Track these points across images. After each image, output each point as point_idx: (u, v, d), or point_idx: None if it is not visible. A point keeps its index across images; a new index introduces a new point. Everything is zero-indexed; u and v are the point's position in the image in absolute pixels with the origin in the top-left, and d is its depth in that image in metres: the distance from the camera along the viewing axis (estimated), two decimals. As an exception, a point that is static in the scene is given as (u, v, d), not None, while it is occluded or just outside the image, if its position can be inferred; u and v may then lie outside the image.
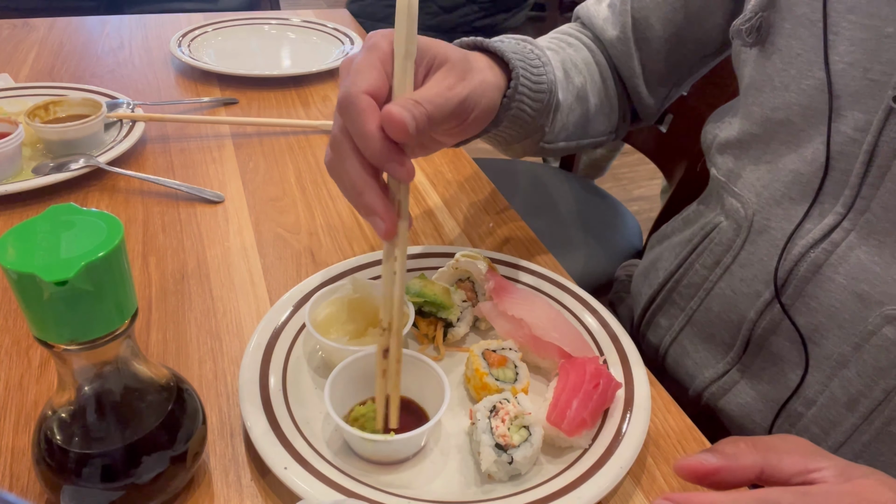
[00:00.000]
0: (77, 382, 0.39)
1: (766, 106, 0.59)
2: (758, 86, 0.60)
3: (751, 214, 0.61)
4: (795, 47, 0.56)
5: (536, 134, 0.66)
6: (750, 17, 0.59)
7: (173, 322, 0.60)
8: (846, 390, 0.55)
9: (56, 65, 1.09)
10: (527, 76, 0.59)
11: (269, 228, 0.74)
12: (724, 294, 0.64)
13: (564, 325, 0.57)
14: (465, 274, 0.62)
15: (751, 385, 0.62)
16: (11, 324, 0.59)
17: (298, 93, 1.06)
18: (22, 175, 0.78)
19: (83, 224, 0.36)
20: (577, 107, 0.71)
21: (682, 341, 0.69)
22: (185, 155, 0.87)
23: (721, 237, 0.64)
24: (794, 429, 0.59)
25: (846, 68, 0.52)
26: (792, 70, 0.56)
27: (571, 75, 0.70)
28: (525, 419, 0.48)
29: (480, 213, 0.79)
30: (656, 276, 0.72)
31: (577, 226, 1.21)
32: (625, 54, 0.73)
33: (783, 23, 0.57)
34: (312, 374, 0.55)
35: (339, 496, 0.44)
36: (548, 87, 0.62)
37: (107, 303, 0.35)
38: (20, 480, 0.46)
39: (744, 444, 0.38)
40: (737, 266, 0.62)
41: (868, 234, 0.53)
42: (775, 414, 0.60)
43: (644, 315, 0.74)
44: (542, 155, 0.73)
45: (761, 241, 0.60)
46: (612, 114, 0.76)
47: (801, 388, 0.58)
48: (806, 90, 0.55)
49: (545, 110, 0.63)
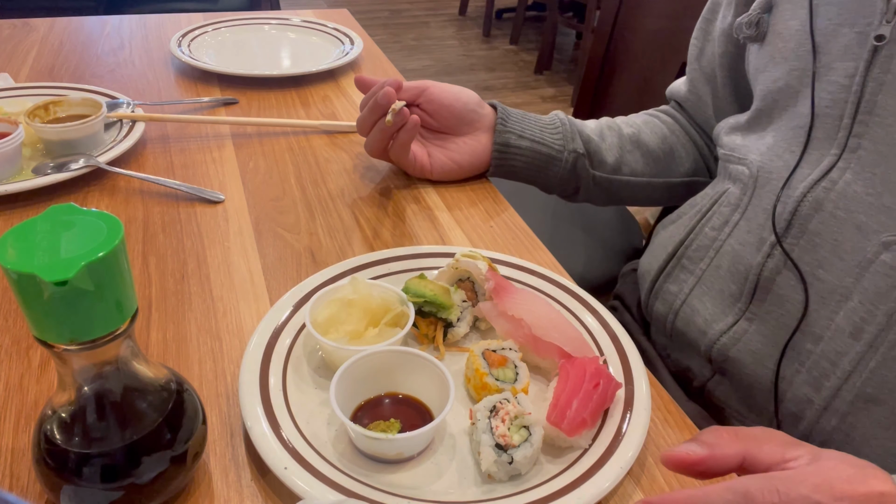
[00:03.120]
0: (77, 382, 0.39)
1: (768, 79, 0.67)
2: (761, 68, 0.69)
3: (755, 172, 0.66)
4: (793, 25, 0.64)
5: (576, 159, 0.80)
6: (750, 13, 0.69)
7: (173, 322, 0.60)
8: (850, 320, 0.57)
9: (56, 65, 1.09)
10: (518, 112, 0.81)
11: (269, 228, 0.74)
12: (732, 249, 0.67)
13: (564, 325, 0.57)
14: (465, 274, 0.62)
15: (759, 331, 0.64)
16: (11, 324, 0.59)
17: (298, 93, 1.06)
18: (22, 175, 0.78)
19: (83, 224, 0.36)
20: (632, 148, 0.84)
21: (691, 302, 0.70)
22: (185, 155, 0.87)
23: (729, 199, 0.69)
24: (805, 367, 0.60)
25: (835, 28, 0.60)
26: (791, 43, 0.64)
27: (617, 127, 0.85)
28: (525, 419, 0.48)
29: (480, 213, 0.79)
30: (664, 251, 0.74)
31: (577, 226, 1.21)
32: (697, 103, 0.86)
33: (784, 10, 0.66)
34: (312, 374, 0.55)
35: (339, 496, 0.44)
36: (556, 119, 0.82)
37: (107, 303, 0.35)
38: (20, 480, 0.46)
39: (726, 434, 0.40)
40: (744, 221, 0.66)
41: (861, 168, 0.58)
42: (781, 352, 0.62)
43: (652, 288, 0.76)
44: (619, 194, 0.86)
45: (765, 192, 0.65)
46: (692, 157, 0.87)
47: (807, 325, 0.60)
48: (801, 55, 0.63)
49: (566, 135, 0.80)
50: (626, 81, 1.41)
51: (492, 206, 0.80)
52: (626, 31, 1.37)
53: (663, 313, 0.74)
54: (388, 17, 4.51)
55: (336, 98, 1.05)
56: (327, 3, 4.57)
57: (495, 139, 0.79)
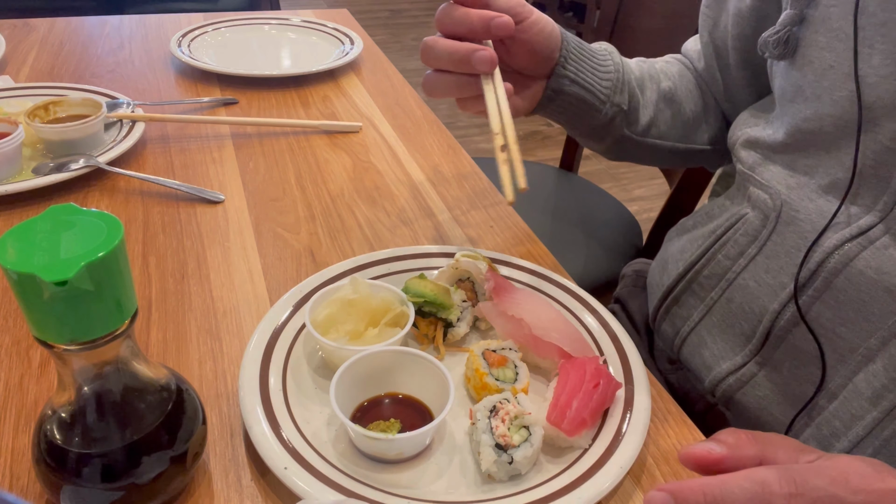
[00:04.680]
0: (77, 382, 0.39)
1: (797, 116, 0.60)
2: (789, 97, 0.62)
3: (779, 205, 0.61)
4: (828, 59, 0.57)
5: (615, 115, 0.72)
6: (779, 29, 0.60)
7: (173, 322, 0.60)
8: (870, 384, 0.55)
9: (56, 65, 1.09)
10: (579, 47, 0.70)
11: (269, 228, 0.74)
12: (746, 285, 0.63)
13: (564, 325, 0.57)
14: (465, 274, 0.62)
15: (769, 378, 0.62)
16: (11, 324, 0.59)
17: (298, 93, 1.06)
18: (22, 175, 0.78)
19: (83, 224, 0.36)
20: (664, 107, 0.76)
21: (699, 332, 0.68)
22: (185, 155, 0.87)
23: (747, 228, 0.64)
24: (814, 422, 0.58)
25: (880, 80, 0.53)
26: (825, 82, 0.57)
27: (658, 78, 0.77)
28: (525, 419, 0.48)
29: (480, 213, 0.79)
30: (675, 268, 0.71)
31: (577, 226, 1.21)
32: (713, 81, 0.78)
33: (816, 36, 0.58)
34: (312, 374, 0.55)
35: (339, 496, 0.44)
36: (614, 67, 0.71)
37: (107, 303, 0.35)
38: (20, 480, 0.46)
39: (744, 436, 0.40)
40: (762, 257, 0.62)
41: None
42: (798, 409, 0.59)
43: (660, 306, 0.73)
44: (639, 154, 0.79)
45: (789, 232, 0.60)
46: (715, 125, 0.80)
47: (822, 382, 0.58)
48: (839, 101, 0.56)
49: (616, 88, 0.71)
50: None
51: (492, 206, 0.80)
52: (626, 31, 1.37)
53: (670, 335, 0.72)
54: (388, 17, 4.51)
55: (336, 98, 1.05)
56: (327, 3, 4.57)
57: (550, 83, 0.69)
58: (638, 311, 0.84)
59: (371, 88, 1.09)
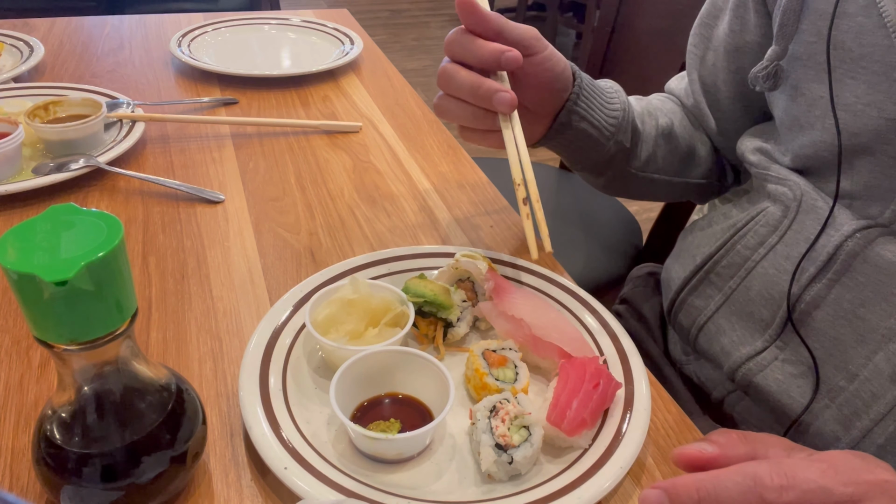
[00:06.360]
0: (77, 382, 0.39)
1: (796, 143, 0.64)
2: (787, 125, 0.65)
3: (799, 195, 0.63)
4: (816, 90, 0.60)
5: (618, 152, 0.73)
6: (766, 64, 0.63)
7: (173, 322, 0.60)
8: (891, 363, 0.56)
9: (56, 65, 1.09)
10: (591, 85, 0.70)
11: (269, 228, 0.74)
12: (766, 273, 0.64)
13: (564, 325, 0.57)
14: (465, 274, 0.62)
15: (788, 361, 0.62)
16: (11, 324, 0.59)
17: (298, 93, 1.06)
18: (22, 175, 0.78)
19: (83, 224, 0.36)
20: (663, 143, 0.78)
21: (717, 320, 0.69)
22: (185, 155, 0.87)
23: (768, 219, 0.65)
24: (835, 403, 0.59)
25: (864, 108, 0.57)
26: (816, 111, 0.60)
27: (656, 115, 0.78)
28: (525, 419, 0.48)
29: (480, 213, 0.79)
30: (692, 261, 0.72)
31: (577, 226, 1.21)
32: (702, 117, 0.80)
33: (807, 70, 0.61)
34: (312, 374, 0.55)
35: (339, 496, 0.44)
36: (621, 106, 0.72)
37: (107, 303, 0.35)
38: (20, 480, 0.46)
39: (735, 436, 0.41)
40: (782, 245, 0.63)
41: None
42: (814, 389, 0.60)
43: (676, 298, 0.73)
44: (634, 188, 0.81)
45: (808, 220, 0.62)
46: (710, 159, 0.83)
47: (842, 361, 0.59)
48: (829, 129, 0.59)
49: (620, 126, 0.72)
50: (626, 82, 1.41)
51: (492, 206, 0.80)
52: (626, 31, 1.37)
53: (686, 326, 0.72)
54: (388, 17, 4.51)
55: (336, 98, 1.05)
56: (327, 3, 4.57)
57: (559, 117, 0.69)
58: (649, 309, 0.84)
59: (371, 88, 1.09)
